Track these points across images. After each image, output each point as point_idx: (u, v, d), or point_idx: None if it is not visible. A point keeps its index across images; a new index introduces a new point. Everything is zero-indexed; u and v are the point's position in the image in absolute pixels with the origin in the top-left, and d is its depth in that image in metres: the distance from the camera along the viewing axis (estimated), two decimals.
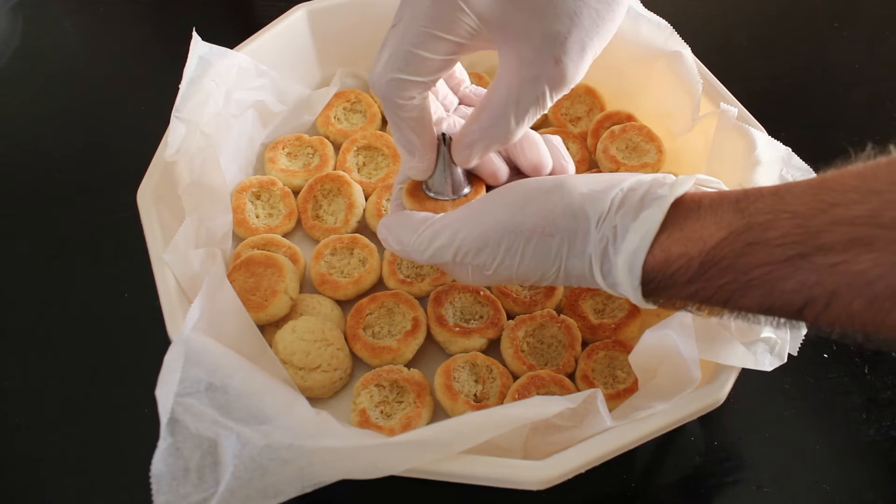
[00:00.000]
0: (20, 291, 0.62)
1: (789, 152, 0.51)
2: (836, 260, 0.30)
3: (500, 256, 0.40)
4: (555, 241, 0.39)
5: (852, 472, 0.51)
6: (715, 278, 0.34)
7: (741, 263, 0.33)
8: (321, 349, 0.51)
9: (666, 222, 0.36)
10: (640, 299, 0.38)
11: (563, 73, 0.40)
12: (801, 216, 0.31)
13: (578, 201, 0.39)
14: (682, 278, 0.35)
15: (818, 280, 0.31)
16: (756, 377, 0.45)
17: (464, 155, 0.44)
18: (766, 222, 0.32)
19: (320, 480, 0.37)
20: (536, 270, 0.40)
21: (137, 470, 0.40)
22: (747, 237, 0.33)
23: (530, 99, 0.40)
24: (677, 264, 0.35)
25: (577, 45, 0.39)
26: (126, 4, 0.91)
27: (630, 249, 0.36)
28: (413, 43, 0.39)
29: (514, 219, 0.40)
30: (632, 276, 0.36)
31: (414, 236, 0.43)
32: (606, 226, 0.37)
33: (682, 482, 0.51)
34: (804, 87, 0.80)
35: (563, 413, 0.41)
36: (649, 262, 0.36)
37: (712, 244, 0.34)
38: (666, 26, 0.61)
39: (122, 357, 0.57)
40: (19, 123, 0.77)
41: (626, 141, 0.63)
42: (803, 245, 0.31)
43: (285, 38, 0.66)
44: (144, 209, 0.52)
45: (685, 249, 0.35)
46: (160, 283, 0.48)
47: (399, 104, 0.42)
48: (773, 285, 0.32)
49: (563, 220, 0.39)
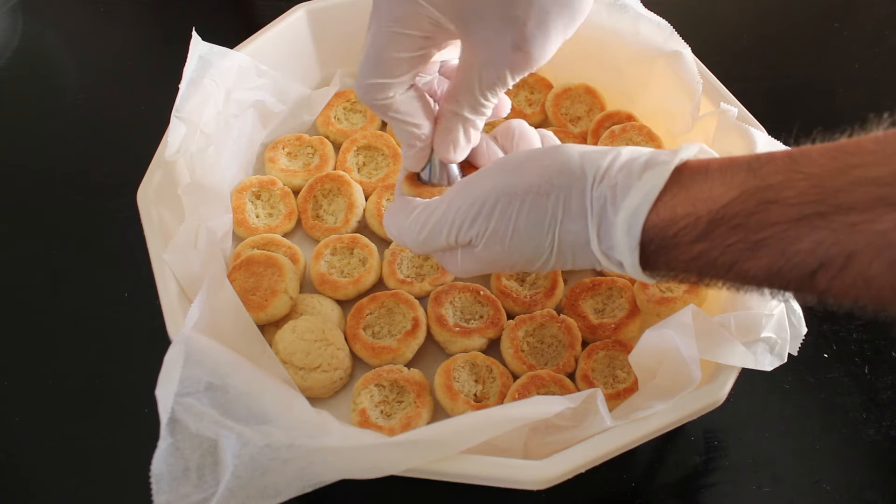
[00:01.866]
0: (20, 291, 0.62)
1: None
2: (857, 219, 0.29)
3: (493, 223, 0.39)
4: (550, 200, 0.37)
5: (852, 472, 0.51)
6: (723, 237, 0.32)
7: (753, 222, 0.31)
8: (321, 349, 0.51)
9: (670, 184, 0.34)
10: (636, 265, 0.36)
11: (525, 58, 0.39)
12: (819, 176, 0.30)
13: (576, 159, 0.37)
14: (687, 238, 0.33)
15: (835, 240, 0.29)
16: (756, 377, 0.45)
17: (442, 145, 0.44)
18: (780, 182, 0.31)
19: (320, 480, 0.37)
20: (530, 240, 0.38)
21: (137, 470, 0.40)
22: (761, 196, 0.31)
23: (491, 79, 0.40)
24: (683, 223, 0.33)
25: (537, 29, 0.38)
26: (126, 4, 0.91)
27: (631, 206, 0.35)
28: (380, 46, 0.40)
29: (508, 180, 0.38)
30: (630, 237, 0.35)
31: (409, 220, 0.43)
32: (605, 185, 0.36)
33: (682, 482, 0.51)
34: (804, 87, 0.80)
35: (563, 413, 0.41)
36: (651, 221, 0.34)
37: (723, 203, 0.32)
38: (666, 26, 0.61)
39: (122, 357, 0.57)
40: (19, 123, 0.77)
41: (626, 141, 0.63)
42: (821, 204, 0.29)
43: (285, 38, 0.66)
44: (144, 209, 0.52)
45: (692, 209, 0.33)
46: (160, 283, 0.48)
47: (382, 105, 0.42)
48: (785, 245, 0.31)
49: (560, 178, 0.37)
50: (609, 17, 0.63)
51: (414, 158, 0.45)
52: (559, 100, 0.68)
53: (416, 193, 0.46)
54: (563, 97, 0.68)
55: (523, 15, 0.37)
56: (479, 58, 0.40)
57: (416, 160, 0.46)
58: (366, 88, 0.41)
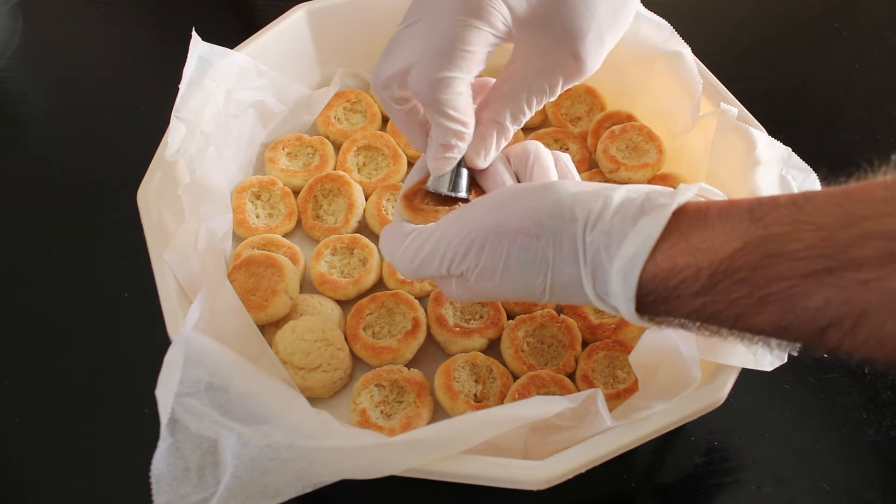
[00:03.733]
0: (20, 291, 0.62)
1: (789, 152, 0.51)
2: (868, 276, 0.27)
3: (484, 260, 0.38)
4: (540, 243, 0.36)
5: (852, 472, 0.51)
6: (727, 292, 0.31)
7: (758, 276, 0.30)
8: (321, 349, 0.51)
9: (669, 231, 0.33)
10: (633, 314, 0.34)
11: (580, 66, 0.40)
12: (827, 228, 0.29)
13: (567, 201, 0.36)
14: (689, 291, 0.32)
15: (846, 298, 0.28)
16: (756, 377, 0.45)
17: (474, 151, 0.43)
18: (786, 233, 0.30)
19: (320, 480, 0.37)
20: (521, 279, 0.37)
21: (137, 470, 0.40)
22: (766, 248, 0.30)
23: (542, 88, 0.41)
24: (683, 275, 0.32)
25: (595, 38, 0.39)
26: (126, 4, 0.91)
27: (627, 255, 0.33)
28: (453, 38, 0.38)
29: (498, 218, 0.37)
30: (626, 286, 0.33)
31: (401, 248, 0.42)
32: (599, 230, 0.34)
33: (682, 482, 0.51)
34: (804, 87, 0.80)
35: (563, 413, 0.41)
36: (649, 271, 0.33)
37: (725, 254, 0.31)
38: (666, 26, 0.61)
39: (122, 357, 0.57)
40: (19, 123, 0.77)
41: (626, 141, 0.63)
42: (831, 259, 0.28)
43: (285, 38, 0.66)
44: (144, 209, 0.52)
45: (693, 259, 0.32)
46: (160, 283, 0.48)
47: (446, 100, 0.40)
48: (793, 302, 0.29)
49: (550, 221, 0.36)
50: None
51: (445, 161, 0.43)
52: (559, 100, 0.68)
53: (412, 216, 0.45)
54: (563, 97, 0.68)
55: (586, 26, 0.39)
56: (534, 65, 0.40)
57: (446, 163, 0.43)
58: (433, 84, 0.39)
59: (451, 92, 0.40)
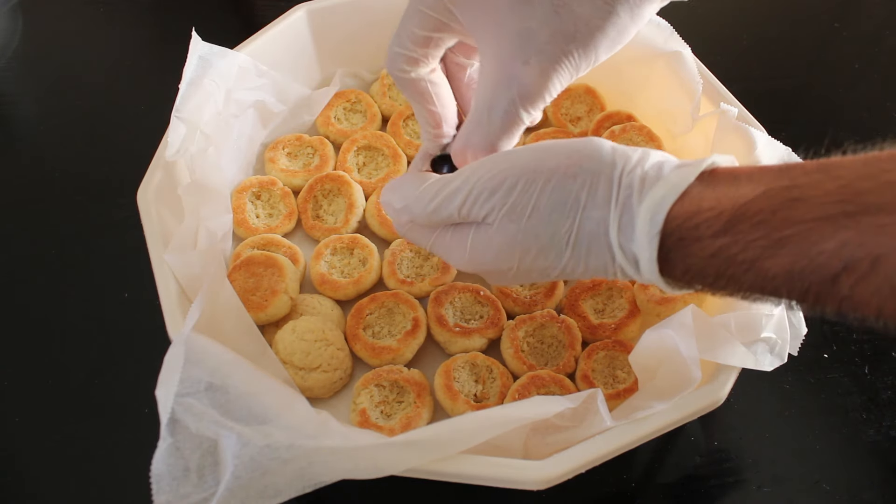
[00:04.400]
0: (20, 291, 0.62)
1: (789, 152, 0.51)
2: (885, 221, 0.27)
3: (514, 198, 0.37)
4: (577, 182, 0.36)
5: (852, 472, 0.51)
6: (745, 233, 0.31)
7: (777, 218, 0.30)
8: (321, 349, 0.51)
9: (697, 182, 0.34)
10: (654, 259, 0.34)
11: (532, 78, 0.38)
12: (848, 179, 0.29)
13: (608, 148, 0.36)
14: (709, 231, 0.32)
15: (862, 241, 0.28)
16: (756, 377, 0.45)
17: (458, 161, 0.45)
18: (808, 183, 0.30)
19: (320, 480, 0.37)
20: (549, 222, 0.36)
21: (137, 470, 0.40)
22: (787, 194, 0.30)
23: (502, 108, 0.39)
24: (706, 215, 0.32)
25: (556, 49, 0.37)
26: (126, 4, 0.91)
27: (657, 195, 0.34)
28: (405, 19, 0.42)
29: (536, 156, 0.37)
30: (652, 224, 0.33)
31: (421, 188, 0.41)
32: (636, 175, 0.35)
33: (682, 482, 0.51)
34: (804, 87, 0.80)
35: (563, 413, 0.41)
36: (675, 211, 0.33)
37: (747, 199, 0.31)
38: (666, 26, 0.61)
39: (122, 357, 0.57)
40: (19, 123, 0.77)
41: (626, 141, 0.63)
42: (849, 203, 0.28)
43: (285, 38, 0.66)
44: (144, 209, 0.52)
45: (717, 203, 0.32)
46: (160, 283, 0.48)
47: (398, 77, 0.44)
48: (809, 244, 0.29)
49: (589, 162, 0.36)
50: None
51: (431, 143, 0.47)
52: (559, 100, 0.68)
53: None
54: (563, 97, 0.68)
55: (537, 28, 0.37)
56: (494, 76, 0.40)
57: (429, 144, 0.47)
58: (391, 57, 0.44)
59: (401, 70, 0.43)
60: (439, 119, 0.46)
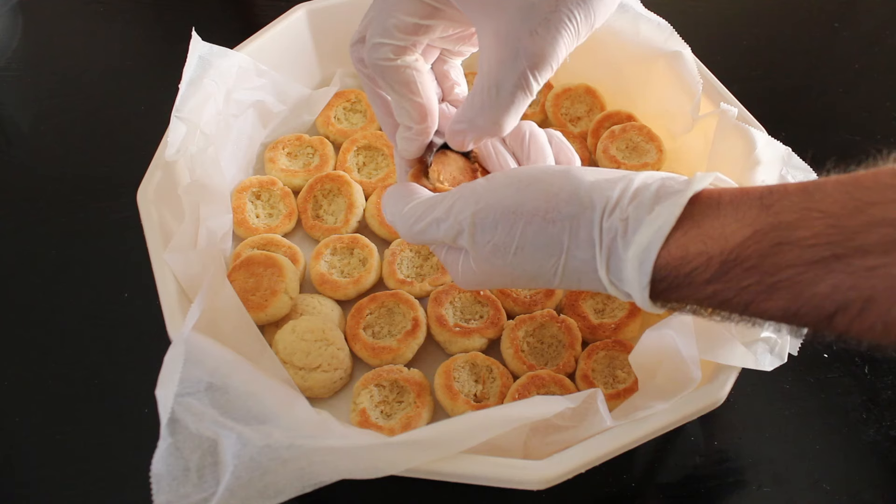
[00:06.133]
0: (20, 291, 0.62)
1: (789, 152, 0.51)
2: (874, 263, 0.28)
3: (497, 237, 0.37)
4: (556, 227, 0.36)
5: (852, 472, 0.51)
6: (738, 279, 0.32)
7: (768, 264, 0.31)
8: (321, 349, 0.51)
9: (682, 218, 0.33)
10: (647, 300, 0.35)
11: (541, 47, 0.36)
12: (835, 215, 0.29)
13: (585, 188, 0.36)
14: (701, 278, 0.33)
15: (853, 284, 0.28)
16: (756, 377, 0.45)
17: (456, 143, 0.43)
18: (795, 221, 0.30)
19: (320, 480, 0.37)
20: (534, 260, 0.37)
21: (137, 470, 0.40)
22: (775, 236, 0.30)
23: (511, 82, 0.38)
24: (695, 262, 0.32)
25: (559, 15, 0.36)
26: (126, 4, 0.91)
27: (642, 243, 0.33)
28: (386, 7, 0.39)
29: (515, 198, 0.37)
30: (641, 273, 0.34)
31: (408, 206, 0.41)
32: (616, 217, 0.35)
33: (682, 482, 0.51)
34: (804, 87, 0.80)
35: (563, 413, 0.41)
36: (663, 258, 0.33)
37: (736, 242, 0.31)
38: (666, 26, 0.61)
39: (122, 357, 0.57)
40: (19, 123, 0.77)
41: (626, 141, 0.63)
42: (838, 246, 0.29)
43: (285, 38, 0.66)
44: (144, 209, 0.52)
45: (704, 247, 0.32)
46: (160, 283, 0.48)
47: (380, 66, 0.40)
48: (802, 288, 0.30)
49: (568, 207, 0.36)
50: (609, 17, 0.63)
51: (406, 141, 0.43)
52: (559, 100, 0.68)
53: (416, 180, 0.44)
54: (563, 97, 0.68)
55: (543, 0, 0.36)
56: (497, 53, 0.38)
57: (408, 144, 0.43)
58: (372, 47, 0.40)
59: (384, 58, 0.40)
60: (425, 112, 0.42)
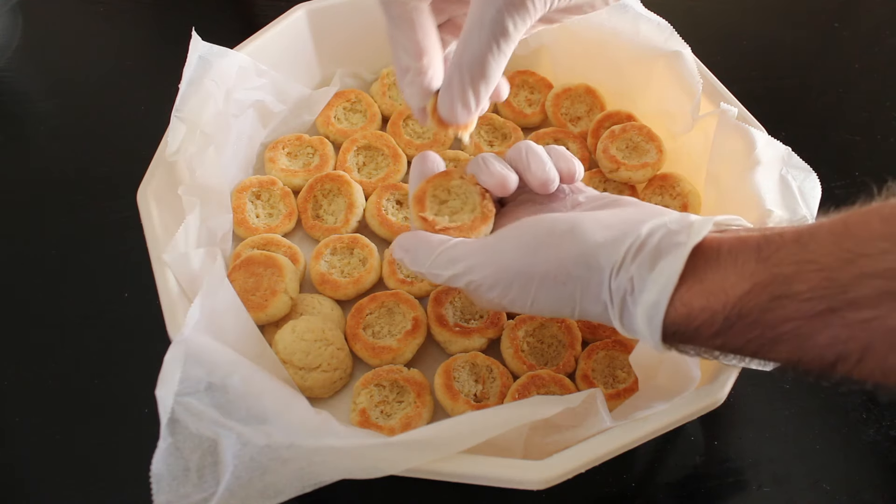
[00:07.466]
0: (20, 291, 0.62)
1: (789, 152, 0.51)
2: (867, 315, 0.29)
3: (513, 295, 0.40)
4: (567, 287, 0.38)
5: (852, 472, 0.51)
6: (742, 333, 0.33)
7: (768, 318, 0.32)
8: (321, 349, 0.51)
9: (685, 272, 0.35)
10: (660, 346, 0.37)
11: None
12: (828, 268, 0.31)
13: (592, 250, 0.38)
14: (707, 332, 0.34)
15: (850, 335, 0.30)
16: (756, 377, 0.45)
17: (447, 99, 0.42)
18: (791, 274, 0.32)
19: (320, 480, 0.37)
20: (551, 311, 0.40)
21: (137, 470, 0.40)
22: (773, 290, 0.32)
23: (490, 15, 0.38)
24: (700, 318, 0.34)
25: None
26: (126, 4, 0.91)
27: (649, 302, 0.35)
28: None
29: (525, 262, 0.40)
30: (651, 328, 0.36)
31: (430, 259, 0.43)
32: (623, 277, 0.36)
33: (682, 482, 0.51)
34: (804, 87, 0.80)
35: (563, 413, 0.41)
36: (670, 316, 0.35)
37: (736, 296, 0.33)
38: (666, 26, 0.61)
39: (122, 357, 0.57)
40: (19, 123, 0.77)
41: (626, 141, 0.63)
42: (832, 300, 0.30)
43: (285, 38, 0.66)
44: (144, 209, 0.52)
45: (707, 303, 0.34)
46: (160, 283, 0.48)
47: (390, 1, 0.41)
48: (802, 340, 0.32)
49: (576, 270, 0.38)
50: (609, 17, 0.63)
51: (408, 85, 0.44)
52: (559, 100, 0.68)
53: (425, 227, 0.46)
54: (563, 97, 0.68)
55: None
56: None
57: (409, 87, 0.44)
58: None
59: None
60: (421, 49, 0.42)
